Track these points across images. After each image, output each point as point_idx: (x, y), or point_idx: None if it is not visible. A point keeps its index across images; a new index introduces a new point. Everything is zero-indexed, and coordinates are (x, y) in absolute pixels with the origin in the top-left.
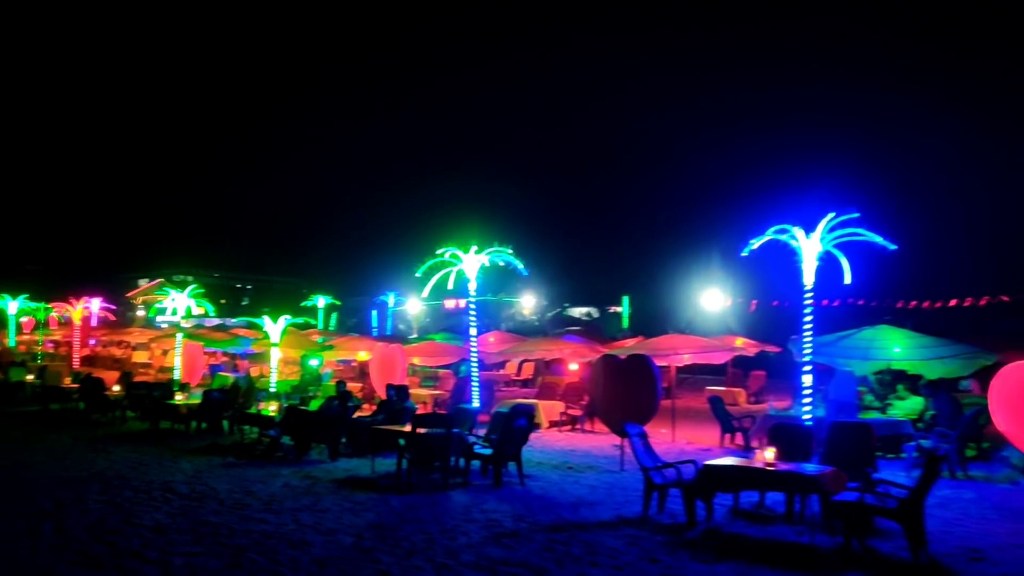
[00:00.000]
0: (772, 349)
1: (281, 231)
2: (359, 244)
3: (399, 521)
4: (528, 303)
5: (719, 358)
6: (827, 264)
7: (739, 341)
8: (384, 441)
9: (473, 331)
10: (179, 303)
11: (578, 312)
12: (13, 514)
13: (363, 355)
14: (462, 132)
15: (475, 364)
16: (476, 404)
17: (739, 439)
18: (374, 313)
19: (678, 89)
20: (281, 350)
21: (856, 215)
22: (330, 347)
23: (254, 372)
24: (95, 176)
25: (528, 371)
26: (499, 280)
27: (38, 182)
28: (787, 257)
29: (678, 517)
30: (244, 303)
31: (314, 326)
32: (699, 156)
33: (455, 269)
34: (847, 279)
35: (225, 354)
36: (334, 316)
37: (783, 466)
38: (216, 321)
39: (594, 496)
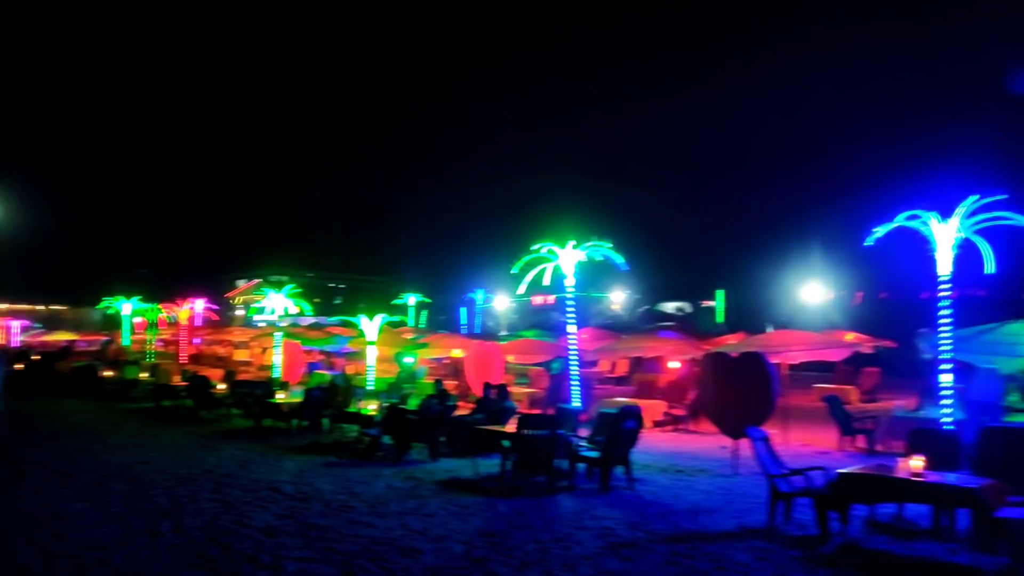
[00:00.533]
0: (887, 344)
1: (372, 231)
2: (448, 242)
3: (508, 528)
4: (617, 298)
5: (835, 355)
6: (966, 251)
7: (849, 336)
8: (485, 441)
9: (572, 328)
10: (277, 303)
11: (670, 307)
12: (132, 511)
13: (457, 352)
14: (549, 127)
15: (575, 362)
16: (577, 403)
17: (860, 441)
18: (463, 310)
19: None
20: (377, 348)
21: (1003, 197)
22: (424, 345)
23: (350, 370)
24: (196, 182)
25: (622, 368)
26: (588, 275)
27: (145, 190)
28: (913, 245)
29: (808, 528)
30: (336, 302)
31: (405, 324)
32: (797, 143)
33: (551, 265)
34: (989, 268)
35: (322, 352)
36: (424, 314)
37: (932, 476)
38: (311, 320)
39: (711, 503)
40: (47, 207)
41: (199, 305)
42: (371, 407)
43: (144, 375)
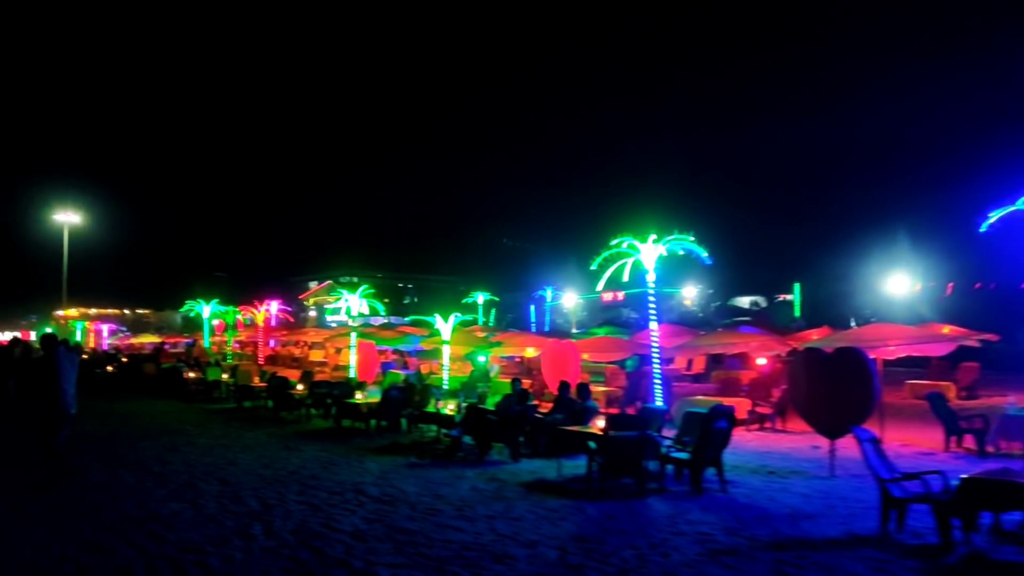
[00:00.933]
0: (989, 337)
1: (440, 231)
2: (516, 240)
3: (601, 532)
4: (690, 294)
5: (934, 350)
6: None
7: (945, 329)
8: (570, 442)
9: (653, 324)
10: (351, 303)
11: (744, 302)
12: (224, 512)
13: (531, 351)
14: (619, 125)
15: (657, 360)
16: (659, 403)
17: (967, 442)
18: (532, 308)
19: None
20: (451, 347)
21: None
22: (498, 343)
23: (423, 369)
24: (269, 188)
25: (699, 365)
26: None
27: (222, 198)
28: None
29: (925, 537)
30: (406, 302)
31: (475, 322)
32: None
33: (631, 260)
34: None
35: (395, 352)
36: (493, 312)
37: None
38: (381, 320)
39: (810, 507)
40: (131, 217)
41: (274, 307)
42: (449, 407)
43: (225, 376)
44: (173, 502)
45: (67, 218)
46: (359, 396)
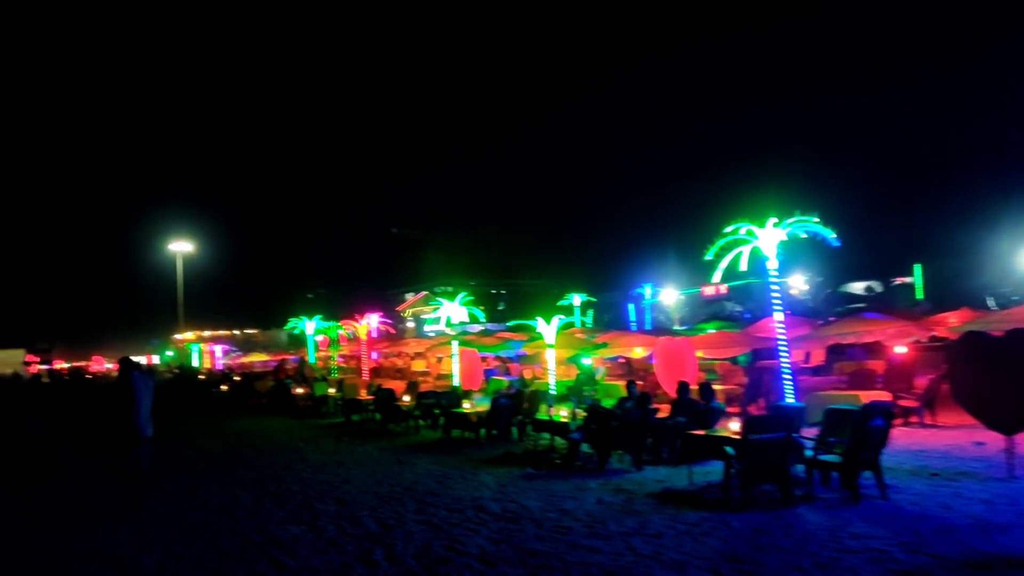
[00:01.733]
0: None
1: (530, 235)
2: (610, 238)
3: (754, 550)
4: (797, 282)
5: None
6: None
7: None
8: (700, 448)
9: (779, 315)
10: (451, 312)
11: (858, 287)
12: (343, 535)
13: (638, 351)
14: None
15: (785, 354)
16: (790, 399)
17: None
18: (631, 307)
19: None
20: (555, 350)
21: None
22: (603, 344)
23: (527, 375)
24: (362, 201)
25: (818, 357)
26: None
27: (318, 217)
28: None
29: None
30: (500, 308)
31: (572, 324)
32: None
33: (748, 247)
34: None
35: (497, 358)
36: (590, 313)
37: None
38: (478, 327)
39: (998, 516)
40: (236, 241)
41: (374, 320)
42: (563, 413)
43: (332, 391)
44: (292, 524)
45: (180, 247)
46: (467, 405)
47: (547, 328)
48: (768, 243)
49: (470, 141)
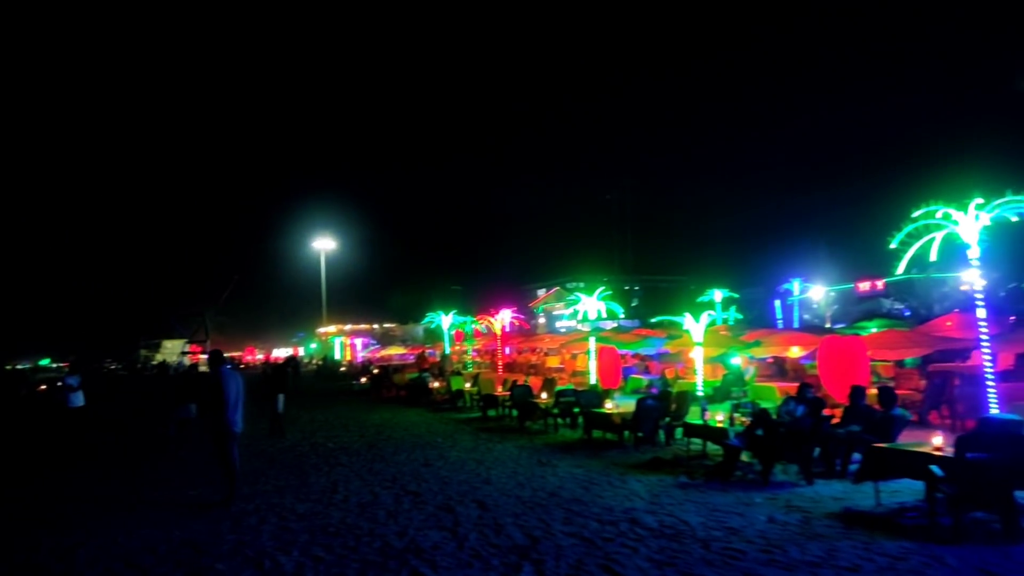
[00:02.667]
0: None
1: (666, 229)
2: (754, 231)
3: None
4: (970, 277)
5: None
6: None
7: None
8: (891, 463)
9: (982, 312)
10: (589, 307)
11: None
12: (487, 546)
13: (795, 351)
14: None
15: (988, 358)
16: (994, 409)
17: None
18: (776, 303)
19: None
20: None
21: None
22: (755, 343)
23: (668, 374)
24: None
25: (1006, 360)
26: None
27: (453, 217)
28: None
29: None
30: (634, 304)
31: (714, 322)
32: None
33: (940, 234)
34: None
35: (635, 356)
36: (732, 310)
37: None
38: (611, 324)
39: None
40: (376, 239)
41: (507, 315)
42: (718, 417)
43: (467, 385)
44: (433, 529)
45: (324, 245)
46: (609, 405)
47: (695, 325)
48: (969, 229)
49: (602, 135)
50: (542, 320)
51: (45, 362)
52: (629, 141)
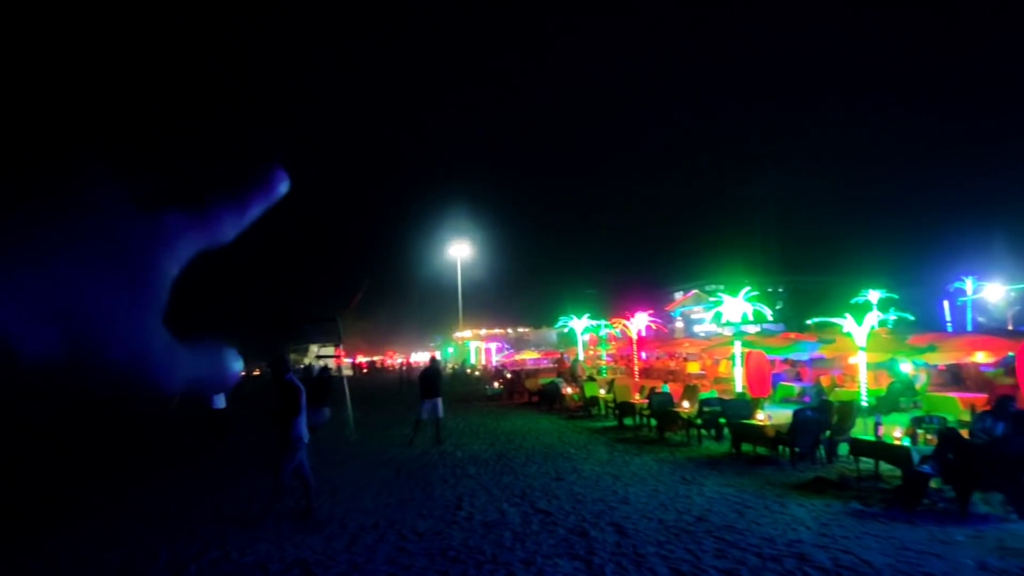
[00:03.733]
0: None
1: (815, 224)
2: (914, 225)
3: None
4: None
5: None
6: None
7: None
8: None
9: None
10: (733, 309)
11: None
12: None
13: (980, 356)
14: None
15: None
16: None
17: None
18: (945, 304)
19: None
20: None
21: None
22: (929, 347)
23: (824, 381)
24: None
25: None
26: None
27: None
28: None
29: None
30: (778, 307)
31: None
32: None
33: None
34: None
35: (785, 361)
36: (891, 311)
37: None
38: (754, 327)
39: None
40: (510, 244)
41: (643, 318)
42: (894, 432)
43: (602, 392)
44: (564, 558)
45: (460, 250)
46: (761, 416)
47: (857, 328)
48: None
49: (741, 124)
50: (679, 324)
51: None
52: (772, 129)
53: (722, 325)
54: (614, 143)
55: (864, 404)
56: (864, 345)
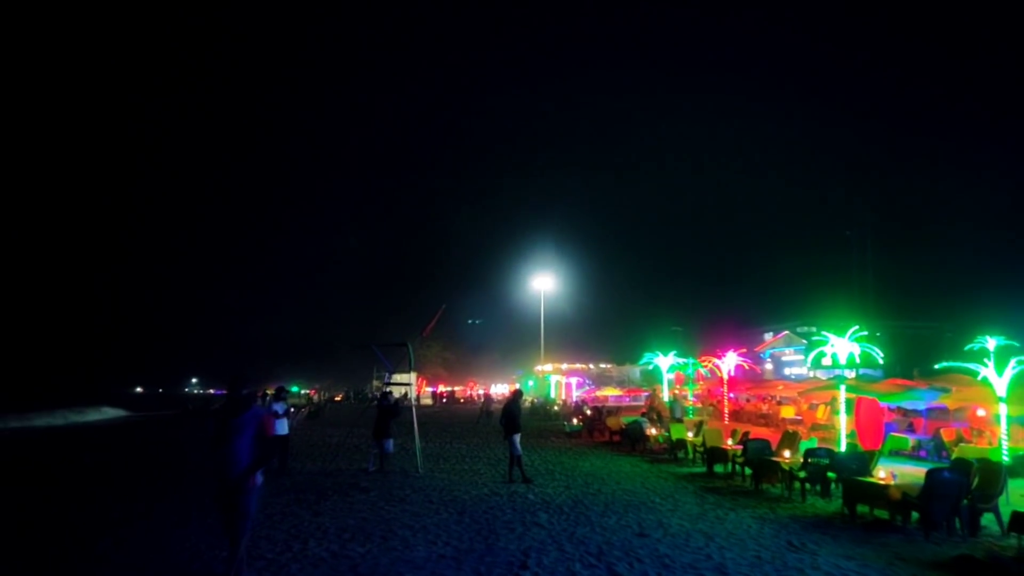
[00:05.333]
0: None
1: (911, 270)
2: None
3: None
4: None
5: None
6: None
7: None
8: None
9: None
10: (840, 349)
11: None
12: None
13: None
14: None
15: None
16: None
17: None
18: None
19: None
20: (1009, 406)
21: None
22: None
23: (946, 435)
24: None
25: None
26: None
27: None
28: None
29: None
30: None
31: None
32: None
33: None
34: None
35: (896, 410)
36: (1016, 360)
37: None
38: (851, 372)
39: None
40: (593, 279)
41: (733, 357)
42: None
43: (689, 435)
44: None
45: (543, 284)
46: (882, 474)
47: (998, 378)
48: None
49: (838, 160)
50: (769, 366)
51: (294, 389)
52: (869, 168)
53: (815, 368)
54: (706, 179)
55: (1006, 460)
56: (1005, 396)
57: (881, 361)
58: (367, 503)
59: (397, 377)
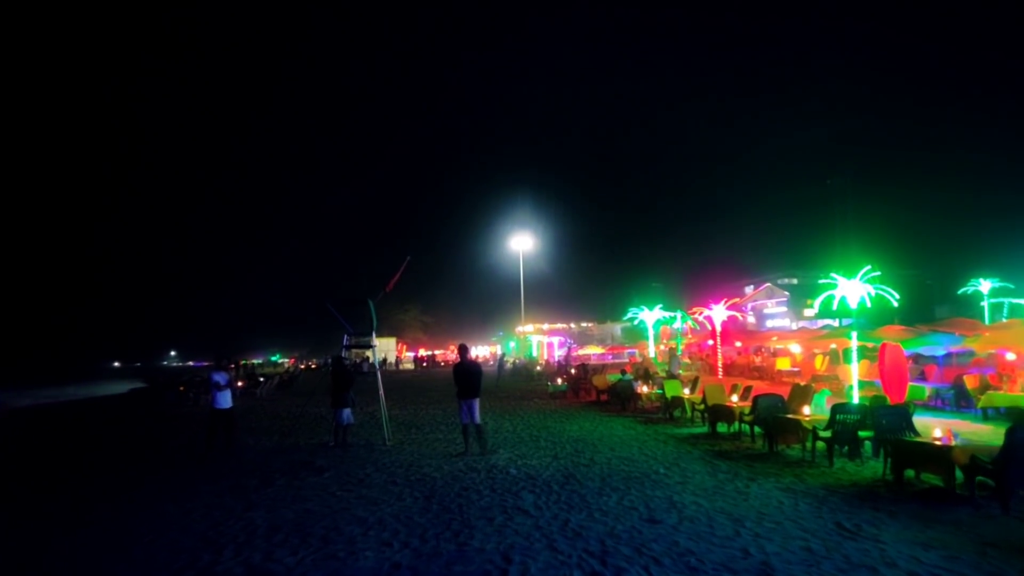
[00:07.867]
0: None
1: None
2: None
3: None
4: None
5: None
6: None
7: None
8: None
9: None
10: (848, 293)
11: None
12: None
13: None
14: None
15: None
16: None
17: None
18: None
19: None
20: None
21: None
22: None
23: (969, 382)
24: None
25: None
26: None
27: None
28: None
29: None
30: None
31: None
32: None
33: None
34: None
35: (912, 357)
36: (1007, 304)
37: None
38: (848, 320)
39: None
40: (571, 236)
41: (721, 310)
42: None
43: (686, 392)
44: None
45: (522, 244)
46: (937, 431)
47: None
48: None
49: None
50: (751, 319)
51: (275, 358)
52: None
53: (818, 316)
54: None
55: None
56: None
57: (896, 304)
58: (317, 487)
59: (382, 343)
